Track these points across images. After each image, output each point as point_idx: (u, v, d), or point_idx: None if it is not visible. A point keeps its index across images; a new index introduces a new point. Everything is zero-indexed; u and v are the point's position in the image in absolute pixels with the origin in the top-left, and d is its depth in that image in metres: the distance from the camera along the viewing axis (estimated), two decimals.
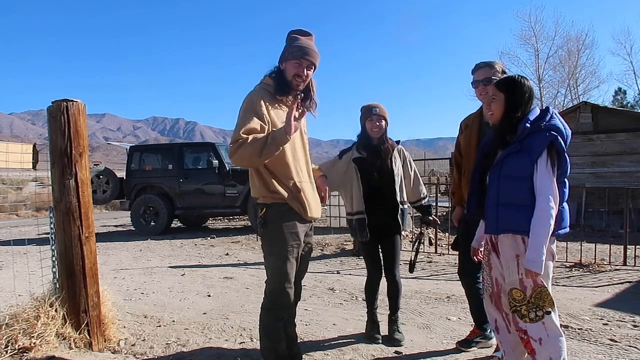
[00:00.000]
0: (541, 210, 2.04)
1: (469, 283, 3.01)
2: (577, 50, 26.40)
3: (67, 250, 2.83)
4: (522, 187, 2.11)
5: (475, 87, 2.78)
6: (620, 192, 8.96)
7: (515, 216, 2.12)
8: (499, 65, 2.78)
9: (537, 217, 2.05)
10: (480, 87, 2.75)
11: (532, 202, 2.08)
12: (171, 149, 11.24)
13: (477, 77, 2.77)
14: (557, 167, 2.10)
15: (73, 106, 2.85)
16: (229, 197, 9.99)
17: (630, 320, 3.68)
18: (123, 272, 5.89)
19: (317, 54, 2.31)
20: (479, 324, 3.03)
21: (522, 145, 2.12)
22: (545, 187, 2.06)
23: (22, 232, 10.63)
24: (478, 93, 2.78)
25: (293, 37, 2.30)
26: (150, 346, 3.11)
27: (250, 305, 4.19)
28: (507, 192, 2.15)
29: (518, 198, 2.12)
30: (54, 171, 2.85)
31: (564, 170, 2.14)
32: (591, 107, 11.02)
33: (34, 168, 5.22)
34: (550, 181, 2.07)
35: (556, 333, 2.13)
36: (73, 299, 2.84)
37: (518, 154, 2.13)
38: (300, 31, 2.32)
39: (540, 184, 2.07)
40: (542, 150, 2.07)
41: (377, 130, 3.12)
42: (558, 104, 26.09)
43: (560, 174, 2.13)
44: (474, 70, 2.81)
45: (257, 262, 6.69)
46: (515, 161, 2.14)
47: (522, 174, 2.11)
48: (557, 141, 2.08)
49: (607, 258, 6.01)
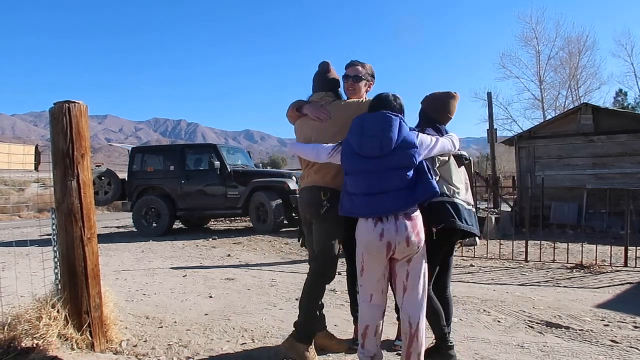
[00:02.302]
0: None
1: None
2: (578, 52, 26.43)
3: (69, 251, 2.84)
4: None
5: (345, 81, 2.97)
6: (621, 194, 8.95)
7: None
8: (369, 67, 2.99)
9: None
10: (349, 82, 2.93)
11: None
12: (173, 150, 11.28)
13: (349, 72, 2.95)
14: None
15: (75, 108, 2.86)
16: (231, 198, 10.01)
17: (631, 321, 3.68)
18: (125, 273, 5.90)
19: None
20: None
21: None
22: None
23: (24, 233, 10.65)
24: (346, 87, 2.97)
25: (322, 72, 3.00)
26: (152, 347, 3.12)
27: (251, 306, 4.20)
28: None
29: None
30: (56, 172, 2.87)
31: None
32: (592, 109, 11.00)
33: (36, 169, 5.22)
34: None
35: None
36: (75, 300, 2.85)
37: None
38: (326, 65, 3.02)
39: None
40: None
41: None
42: (559, 105, 26.12)
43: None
44: (347, 66, 2.98)
45: (258, 263, 6.71)
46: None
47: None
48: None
49: (608, 259, 6.00)
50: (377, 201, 2.38)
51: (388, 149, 2.37)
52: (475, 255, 6.80)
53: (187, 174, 10.33)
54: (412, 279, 2.46)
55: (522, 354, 3.02)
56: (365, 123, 2.47)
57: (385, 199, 2.37)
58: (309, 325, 2.80)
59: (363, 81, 2.92)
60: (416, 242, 2.40)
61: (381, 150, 2.38)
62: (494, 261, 6.46)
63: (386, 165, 2.38)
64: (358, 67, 2.93)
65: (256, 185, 9.81)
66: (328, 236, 2.80)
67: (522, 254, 6.51)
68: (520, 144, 11.69)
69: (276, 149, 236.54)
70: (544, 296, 4.52)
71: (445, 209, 2.59)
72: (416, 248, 2.41)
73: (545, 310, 3.98)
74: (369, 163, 2.41)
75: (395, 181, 2.37)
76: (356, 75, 2.91)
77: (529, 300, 4.35)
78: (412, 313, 2.45)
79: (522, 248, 6.63)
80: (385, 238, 2.37)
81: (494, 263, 6.37)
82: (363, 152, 2.42)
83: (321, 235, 2.83)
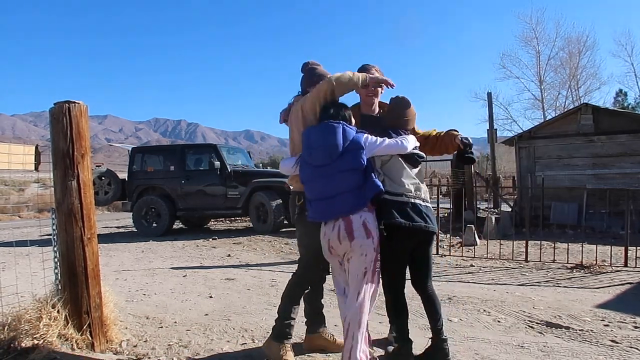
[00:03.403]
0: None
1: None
2: (578, 52, 26.45)
3: (69, 251, 2.84)
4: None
5: (364, 87, 2.92)
6: (621, 194, 8.96)
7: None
8: (379, 70, 2.97)
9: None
10: (370, 88, 2.91)
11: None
12: (173, 151, 11.28)
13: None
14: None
15: (75, 108, 2.86)
16: (231, 198, 10.01)
17: (631, 321, 3.68)
18: (125, 274, 5.90)
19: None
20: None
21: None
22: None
23: (24, 234, 10.66)
24: (366, 93, 2.95)
25: (311, 68, 2.95)
26: (152, 347, 3.12)
27: (252, 307, 4.20)
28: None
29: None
30: (56, 173, 2.87)
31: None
32: (592, 109, 11.01)
33: (36, 169, 5.23)
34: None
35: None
36: (75, 300, 2.85)
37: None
38: (313, 62, 2.99)
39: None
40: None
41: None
42: (559, 106, 26.13)
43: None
44: (362, 70, 2.95)
45: (258, 263, 6.71)
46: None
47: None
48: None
49: (608, 259, 6.01)
50: (329, 205, 2.52)
51: (336, 155, 2.51)
52: (475, 256, 6.80)
53: (187, 174, 10.33)
54: (351, 279, 2.55)
55: (522, 354, 3.01)
56: (312, 136, 2.63)
57: (335, 202, 2.50)
58: (282, 324, 2.85)
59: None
60: (348, 241, 2.48)
61: (330, 158, 2.52)
62: (494, 261, 6.46)
63: (335, 170, 2.52)
64: (374, 70, 2.92)
65: (256, 186, 9.81)
66: (304, 239, 2.88)
67: (522, 254, 6.52)
68: (521, 144, 11.70)
69: (276, 149, 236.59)
70: (544, 296, 4.52)
71: (387, 206, 2.62)
72: (349, 247, 2.50)
73: (546, 311, 3.98)
74: (320, 170, 2.55)
75: (344, 184, 2.50)
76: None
77: (529, 300, 4.35)
78: (346, 314, 2.53)
79: (522, 248, 6.63)
80: (326, 236, 2.57)
81: (494, 263, 6.37)
82: (314, 162, 2.58)
83: (300, 237, 2.96)
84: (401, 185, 2.67)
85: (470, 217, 10.47)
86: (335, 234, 2.51)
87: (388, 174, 2.71)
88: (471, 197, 11.86)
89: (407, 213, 2.62)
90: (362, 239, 2.48)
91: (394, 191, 2.65)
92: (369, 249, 2.51)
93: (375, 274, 2.57)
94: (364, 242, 2.49)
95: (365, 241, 2.49)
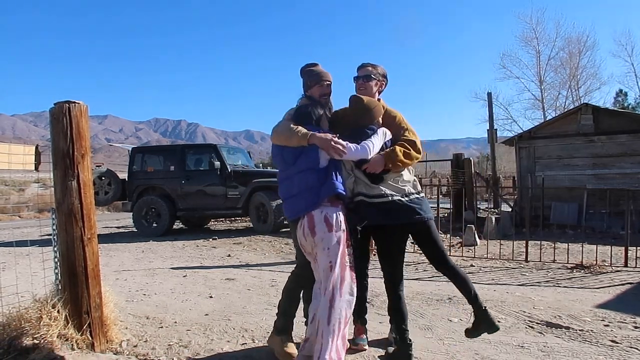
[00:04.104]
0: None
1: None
2: (578, 52, 26.48)
3: (69, 251, 2.84)
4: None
5: (356, 82, 3.01)
6: (621, 194, 8.96)
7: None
8: (381, 69, 3.05)
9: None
10: (360, 82, 2.99)
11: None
12: (173, 151, 11.27)
13: (360, 73, 3.00)
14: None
15: (75, 108, 2.87)
16: (231, 198, 10.01)
17: (631, 321, 3.68)
18: (125, 274, 5.90)
19: (328, 73, 2.93)
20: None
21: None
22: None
23: (24, 234, 10.66)
24: (357, 87, 3.00)
25: (308, 70, 2.93)
26: (152, 347, 3.12)
27: (252, 307, 4.20)
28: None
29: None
30: (56, 173, 2.87)
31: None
32: (592, 109, 11.02)
33: (36, 169, 5.24)
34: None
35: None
36: (75, 300, 2.85)
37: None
38: (311, 64, 2.95)
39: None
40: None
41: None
42: (559, 106, 26.14)
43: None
44: (358, 68, 3.04)
45: (259, 263, 6.71)
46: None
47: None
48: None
49: (608, 259, 6.00)
50: (293, 203, 2.68)
51: (296, 157, 2.66)
52: (475, 256, 6.80)
53: (187, 174, 10.33)
54: (318, 274, 2.60)
55: (522, 354, 3.02)
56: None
57: (298, 200, 2.65)
58: (281, 318, 2.94)
59: (374, 80, 2.98)
60: (311, 237, 2.56)
61: (292, 159, 2.68)
62: (494, 261, 6.46)
63: (295, 170, 2.67)
64: (369, 67, 3.01)
65: (256, 186, 9.81)
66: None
67: (523, 254, 6.51)
68: (521, 144, 11.70)
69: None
70: (544, 296, 4.52)
71: (361, 209, 2.74)
72: (313, 242, 2.57)
73: (546, 311, 3.98)
74: (286, 172, 2.74)
75: (302, 183, 2.62)
76: (367, 75, 2.97)
77: (529, 300, 4.35)
78: (315, 309, 2.57)
79: (523, 248, 6.63)
80: (298, 234, 2.69)
81: (494, 263, 6.37)
82: (281, 164, 2.78)
83: (294, 237, 2.98)
84: (373, 187, 2.75)
85: (471, 217, 10.48)
86: (301, 231, 2.62)
87: (359, 176, 2.78)
88: (471, 197, 11.87)
89: (387, 212, 2.70)
90: (322, 233, 2.54)
91: (368, 193, 2.74)
92: (330, 242, 2.53)
93: (345, 269, 2.56)
94: (325, 236, 2.53)
95: (326, 234, 2.53)
